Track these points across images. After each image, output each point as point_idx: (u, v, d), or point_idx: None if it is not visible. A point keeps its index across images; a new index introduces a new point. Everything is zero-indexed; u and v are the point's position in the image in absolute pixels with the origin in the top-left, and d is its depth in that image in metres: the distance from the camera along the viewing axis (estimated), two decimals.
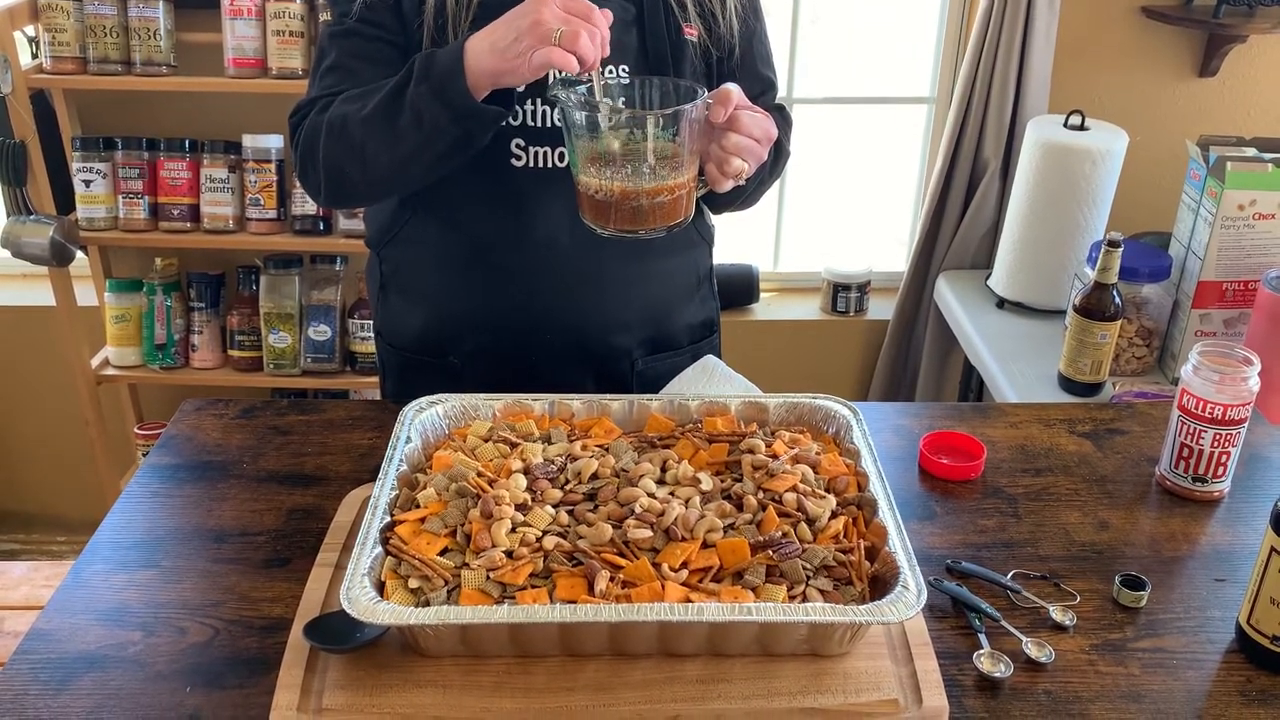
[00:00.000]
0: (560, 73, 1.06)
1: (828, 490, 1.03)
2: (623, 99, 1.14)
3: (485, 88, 1.11)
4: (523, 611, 0.85)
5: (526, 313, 1.33)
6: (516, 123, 1.23)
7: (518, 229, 1.28)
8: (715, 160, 1.13)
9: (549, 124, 1.24)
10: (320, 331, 2.43)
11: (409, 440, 1.08)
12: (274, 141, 2.33)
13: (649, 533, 0.95)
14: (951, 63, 2.59)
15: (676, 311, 1.42)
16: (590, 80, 1.09)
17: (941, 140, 2.50)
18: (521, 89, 1.18)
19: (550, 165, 1.26)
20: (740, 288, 2.71)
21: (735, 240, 2.72)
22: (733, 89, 1.11)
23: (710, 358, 1.39)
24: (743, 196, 1.33)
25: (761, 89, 1.36)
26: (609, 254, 1.30)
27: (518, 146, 1.25)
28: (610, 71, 1.25)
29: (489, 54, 1.08)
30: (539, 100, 1.23)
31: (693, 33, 1.28)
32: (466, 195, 1.27)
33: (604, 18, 1.07)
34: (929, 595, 0.88)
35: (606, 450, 1.08)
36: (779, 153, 1.35)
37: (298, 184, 2.30)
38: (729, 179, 1.13)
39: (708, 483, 1.03)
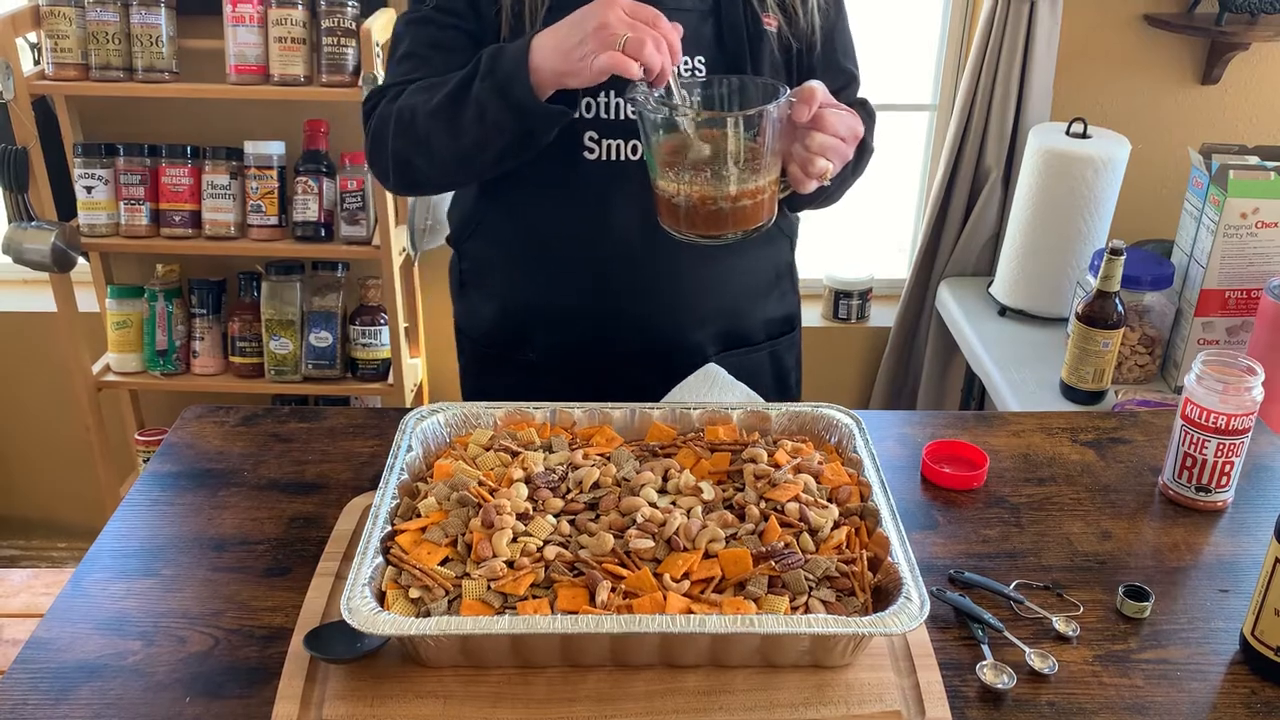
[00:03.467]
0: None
1: (830, 500, 1.03)
2: (700, 98, 1.11)
3: (549, 86, 1.10)
4: (524, 622, 0.85)
5: (598, 307, 1.32)
6: (590, 115, 1.21)
7: (590, 222, 1.27)
8: (799, 161, 1.10)
9: (622, 116, 1.22)
10: (321, 338, 2.43)
11: (410, 449, 1.08)
12: (275, 148, 2.33)
13: (650, 543, 0.94)
14: (953, 70, 2.59)
15: (753, 307, 1.39)
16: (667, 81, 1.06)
17: (943, 147, 2.49)
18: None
19: (624, 158, 1.24)
20: None
21: None
22: (817, 86, 1.08)
23: (712, 365, 1.39)
24: (824, 196, 1.29)
25: (844, 83, 1.34)
26: (683, 248, 1.29)
27: (590, 139, 1.24)
28: (685, 62, 1.22)
29: (553, 54, 1.07)
30: (612, 92, 1.21)
31: (771, 23, 1.25)
32: (540, 188, 1.27)
33: (674, 29, 1.05)
34: (931, 606, 0.88)
35: (608, 459, 1.08)
36: (863, 150, 1.32)
37: (298, 190, 2.30)
38: (813, 180, 1.10)
39: (709, 492, 1.03)
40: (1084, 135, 2.17)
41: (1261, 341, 1.78)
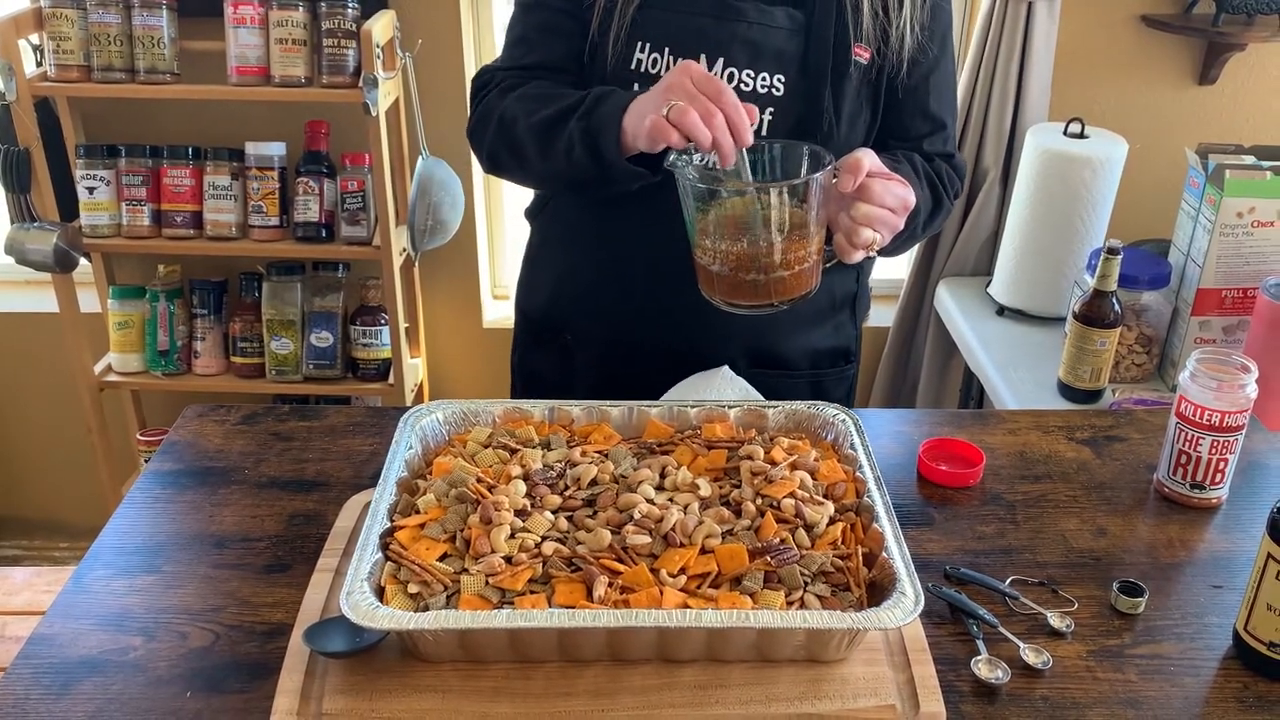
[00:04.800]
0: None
1: (826, 496, 1.03)
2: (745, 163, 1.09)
3: (631, 146, 1.11)
4: (521, 617, 0.86)
5: (633, 302, 1.34)
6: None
7: (640, 216, 1.29)
8: (844, 230, 1.08)
9: None
10: (322, 338, 2.44)
11: (409, 446, 1.09)
12: (277, 149, 2.33)
13: (648, 538, 0.95)
14: None
15: (795, 332, 1.37)
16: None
17: None
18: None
19: None
20: None
21: None
22: (863, 157, 1.06)
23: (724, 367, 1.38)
24: (885, 251, 1.25)
25: (929, 129, 1.31)
26: None
27: None
28: (764, 80, 1.21)
29: (632, 112, 1.10)
30: None
31: (863, 55, 1.24)
32: None
33: (743, 110, 1.03)
34: (927, 601, 0.89)
35: (606, 456, 1.08)
36: (937, 206, 1.30)
37: (299, 191, 2.31)
38: (859, 250, 1.08)
39: (706, 489, 1.03)
40: (1081, 135, 2.17)
41: (1258, 340, 1.79)
